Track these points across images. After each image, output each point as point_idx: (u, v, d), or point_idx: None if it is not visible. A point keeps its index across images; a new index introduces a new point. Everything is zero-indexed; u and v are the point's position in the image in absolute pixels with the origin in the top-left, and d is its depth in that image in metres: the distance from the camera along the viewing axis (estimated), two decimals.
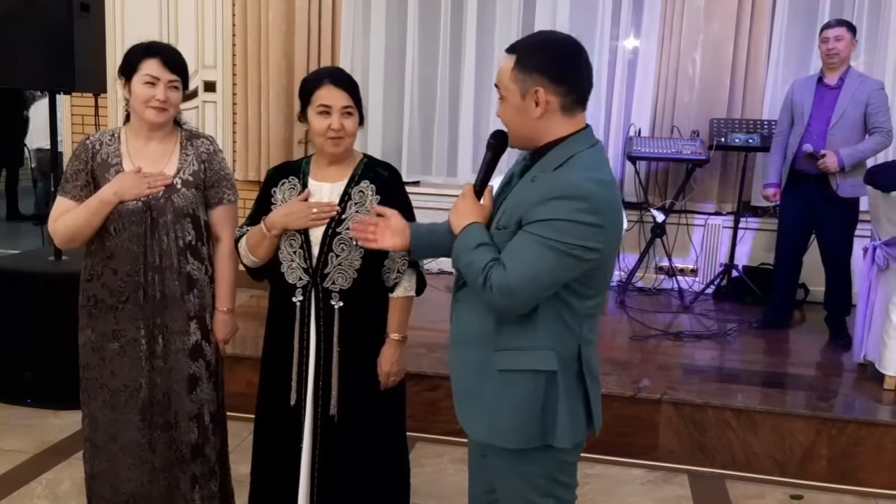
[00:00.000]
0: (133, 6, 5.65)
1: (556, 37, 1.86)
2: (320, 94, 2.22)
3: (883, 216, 3.85)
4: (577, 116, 1.80)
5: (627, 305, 5.09)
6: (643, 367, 3.98)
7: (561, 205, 1.67)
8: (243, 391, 3.56)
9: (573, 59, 1.78)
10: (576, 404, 1.84)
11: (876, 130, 4.31)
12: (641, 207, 5.46)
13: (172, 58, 2.37)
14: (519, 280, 1.68)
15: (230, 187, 2.52)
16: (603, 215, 1.68)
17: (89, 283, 2.43)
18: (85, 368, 2.47)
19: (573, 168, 1.74)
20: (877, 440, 3.37)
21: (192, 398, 2.47)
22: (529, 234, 1.70)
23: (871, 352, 3.90)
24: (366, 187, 2.30)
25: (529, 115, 1.76)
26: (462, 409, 1.93)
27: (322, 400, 2.32)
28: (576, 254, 1.68)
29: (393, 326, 2.35)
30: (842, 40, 4.31)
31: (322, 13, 5.51)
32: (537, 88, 1.73)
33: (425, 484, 3.23)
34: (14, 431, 3.64)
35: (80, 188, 2.38)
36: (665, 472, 3.47)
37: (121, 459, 2.46)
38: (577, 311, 1.80)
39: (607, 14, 5.46)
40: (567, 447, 1.83)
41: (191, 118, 5.75)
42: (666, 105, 5.43)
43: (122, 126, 2.47)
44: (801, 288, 5.11)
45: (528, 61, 1.75)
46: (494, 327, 1.81)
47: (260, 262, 2.35)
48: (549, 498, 1.89)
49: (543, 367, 1.79)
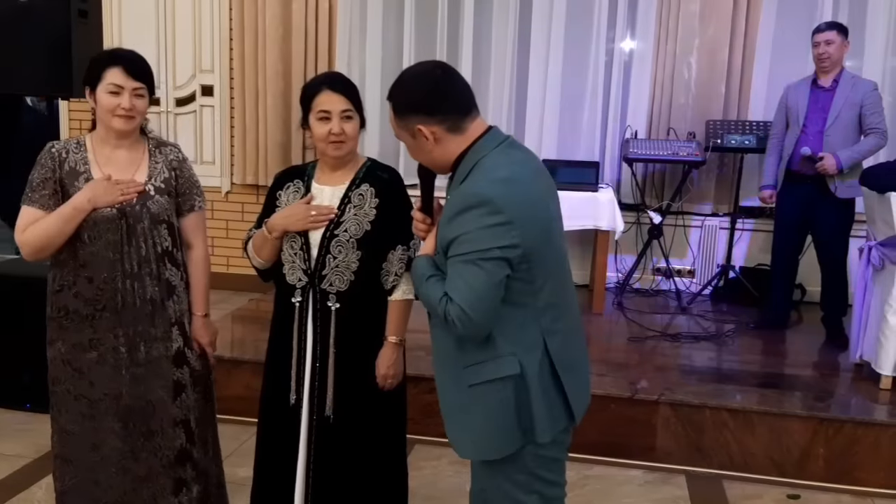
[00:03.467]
0: (130, 12, 5.67)
1: (416, 71, 1.93)
2: (320, 100, 2.25)
3: (878, 217, 3.87)
4: (470, 128, 1.85)
5: (625, 307, 5.11)
6: (641, 369, 4.00)
7: (465, 218, 1.74)
8: (242, 394, 3.58)
9: (438, 85, 1.84)
10: (553, 399, 1.87)
11: (871, 131, 4.33)
12: (638, 209, 5.48)
13: (136, 65, 2.33)
14: (469, 305, 1.73)
15: (200, 194, 2.53)
16: (508, 212, 1.72)
17: (59, 294, 2.38)
18: (55, 382, 2.43)
19: (475, 177, 1.80)
20: (873, 439, 3.39)
21: (178, 404, 2.45)
22: (454, 259, 1.76)
23: (867, 352, 3.92)
24: (365, 190, 2.32)
25: (426, 149, 1.85)
26: (449, 430, 1.98)
27: (318, 400, 2.34)
28: (497, 256, 1.72)
29: (391, 329, 2.37)
30: (832, 43, 4.33)
31: (319, 17, 5.53)
32: (418, 126, 1.81)
33: (423, 486, 3.25)
34: (13, 436, 3.65)
35: (49, 197, 2.32)
36: (663, 473, 3.48)
37: (101, 469, 2.43)
38: (529, 307, 1.83)
39: (603, 17, 5.47)
40: (547, 441, 1.86)
41: (188, 123, 5.78)
42: (662, 107, 5.45)
43: (87, 134, 2.44)
44: (797, 288, 5.13)
45: (401, 106, 1.85)
46: (456, 346, 1.87)
47: (266, 264, 2.38)
48: (533, 494, 1.91)
49: (507, 373, 1.82)
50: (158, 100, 5.69)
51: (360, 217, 2.29)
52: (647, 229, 5.35)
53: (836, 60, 4.38)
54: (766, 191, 4.69)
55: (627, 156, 5.20)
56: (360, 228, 2.29)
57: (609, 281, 5.32)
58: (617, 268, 5.58)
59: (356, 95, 2.30)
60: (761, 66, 5.34)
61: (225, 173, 5.79)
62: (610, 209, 4.89)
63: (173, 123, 5.78)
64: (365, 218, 2.29)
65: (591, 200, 4.89)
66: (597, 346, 4.38)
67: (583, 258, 5.61)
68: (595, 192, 4.94)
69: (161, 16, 5.66)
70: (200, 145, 5.78)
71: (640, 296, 5.47)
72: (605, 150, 5.60)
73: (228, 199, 5.77)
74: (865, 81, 4.46)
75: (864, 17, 5.21)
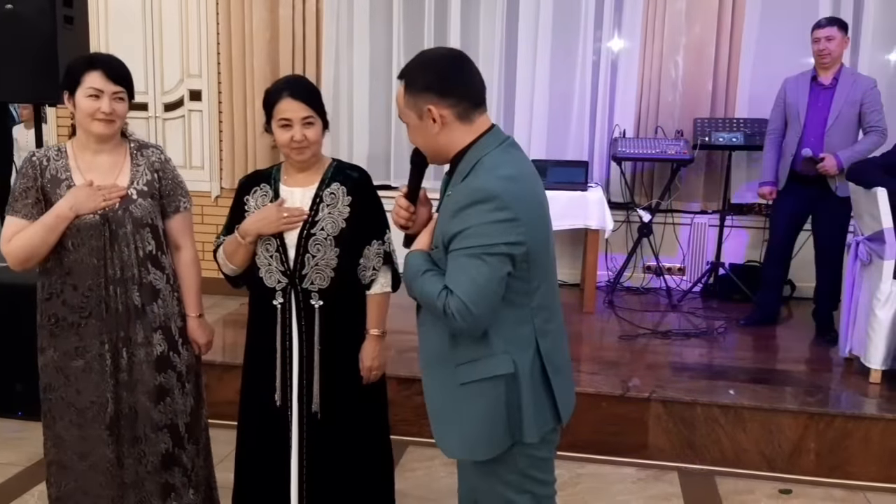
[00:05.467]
0: (117, 17, 5.64)
1: (435, 53, 1.97)
2: (281, 108, 2.29)
3: (865, 212, 3.90)
4: (478, 120, 1.85)
5: (616, 305, 5.12)
6: (632, 366, 4.01)
7: (472, 212, 1.73)
8: (233, 399, 3.53)
9: (455, 69, 1.84)
10: (542, 399, 1.87)
11: (871, 130, 4.34)
12: (628, 207, 5.50)
13: (115, 69, 2.33)
14: (470, 298, 1.72)
15: (185, 195, 2.52)
16: (515, 208, 1.73)
17: (48, 302, 2.38)
18: (47, 389, 2.43)
19: (479, 173, 1.79)
20: (864, 433, 3.41)
21: (161, 409, 2.44)
22: (457, 252, 1.75)
23: (857, 346, 3.94)
24: (336, 189, 2.37)
25: (430, 133, 1.83)
26: (435, 430, 1.97)
27: (305, 398, 2.38)
28: (502, 251, 1.72)
29: (372, 322, 2.44)
30: (833, 39, 4.32)
31: (306, 20, 5.53)
32: (429, 107, 1.80)
33: (417, 487, 3.25)
34: (6, 444, 3.64)
35: (31, 206, 2.32)
36: (655, 470, 3.49)
37: (90, 478, 2.43)
38: (524, 306, 1.83)
39: (590, 16, 5.49)
40: (535, 441, 1.86)
41: (177, 127, 5.76)
42: (650, 106, 5.47)
43: (68, 140, 2.43)
44: (787, 284, 5.16)
45: (414, 84, 1.83)
46: (450, 344, 1.86)
47: (238, 270, 2.42)
48: (525, 494, 1.92)
49: (500, 371, 1.82)
50: (146, 105, 5.68)
51: (334, 215, 2.34)
52: (637, 228, 5.36)
53: (836, 57, 4.37)
54: (767, 187, 4.66)
55: (616, 155, 5.22)
56: (336, 226, 2.34)
57: (600, 279, 5.34)
58: (607, 266, 5.59)
59: (317, 100, 2.34)
60: (747, 64, 5.36)
61: (214, 178, 5.78)
62: (599, 208, 4.90)
63: (162, 128, 5.76)
64: (340, 216, 2.35)
65: (581, 200, 4.90)
66: (588, 345, 4.39)
67: (573, 257, 5.63)
68: (584, 191, 4.95)
69: (148, 21, 5.64)
70: (189, 150, 5.76)
71: (630, 294, 5.49)
72: (593, 150, 5.61)
73: (218, 203, 5.75)
74: (865, 78, 4.44)
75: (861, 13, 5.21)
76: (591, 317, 4.95)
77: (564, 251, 5.59)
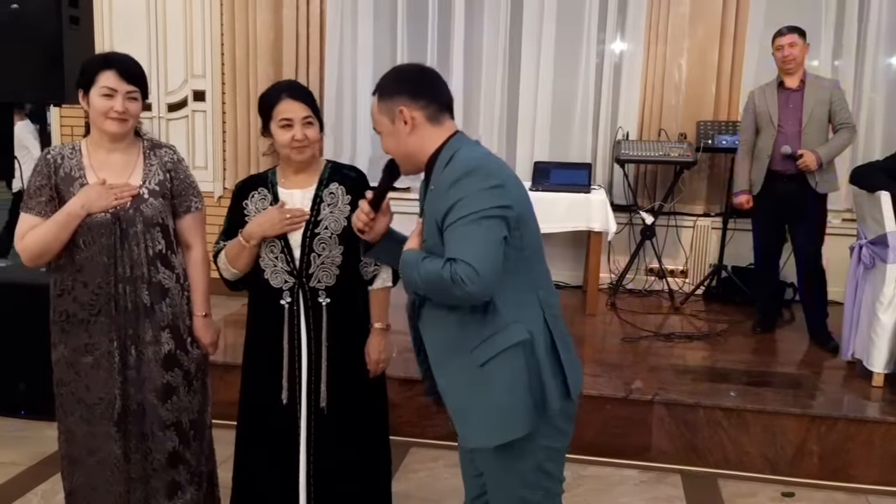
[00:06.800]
0: (122, 17, 5.66)
1: (408, 65, 2.11)
2: (280, 109, 2.34)
3: (868, 215, 3.90)
4: (447, 123, 1.94)
5: (618, 307, 5.12)
6: (635, 369, 4.01)
7: (462, 185, 1.80)
8: (236, 399, 3.56)
9: (426, 77, 1.96)
10: (556, 371, 1.90)
11: (842, 127, 4.43)
12: (630, 210, 5.49)
13: (130, 68, 2.35)
14: (476, 259, 1.74)
15: (196, 195, 2.54)
16: (499, 176, 1.83)
17: (60, 299, 2.41)
18: (59, 384, 2.45)
19: (457, 160, 1.87)
20: (866, 436, 3.41)
21: (168, 407, 2.46)
22: (454, 224, 1.79)
23: (859, 350, 3.94)
24: (336, 189, 2.42)
25: (402, 135, 1.91)
26: (462, 425, 1.95)
27: (314, 395, 2.41)
28: (497, 214, 1.79)
29: (376, 316, 2.49)
30: (796, 46, 4.41)
31: (310, 22, 5.54)
32: (401, 108, 1.89)
33: (420, 489, 3.25)
34: (8, 443, 3.64)
35: (45, 203, 2.34)
36: (658, 473, 3.49)
37: (98, 474, 2.45)
38: (524, 273, 1.88)
39: (594, 19, 5.51)
40: (557, 409, 1.88)
41: (180, 128, 5.77)
42: (653, 108, 5.48)
43: (83, 139, 2.46)
44: (789, 287, 5.15)
45: (387, 90, 1.93)
46: (459, 329, 1.88)
47: (240, 274, 2.45)
48: (539, 490, 1.93)
49: (517, 339, 1.85)
50: (150, 105, 5.69)
51: (336, 214, 2.40)
52: (640, 230, 5.37)
53: (800, 62, 4.46)
54: (742, 196, 4.65)
55: (619, 157, 5.22)
56: (339, 224, 2.39)
57: (602, 282, 5.34)
58: (610, 269, 5.60)
59: (314, 102, 2.41)
60: (750, 67, 5.38)
61: (217, 178, 5.79)
62: (602, 210, 4.90)
63: (165, 129, 5.77)
64: (341, 214, 2.40)
65: (584, 202, 4.91)
66: (591, 347, 4.39)
67: (576, 259, 5.63)
68: (587, 193, 4.95)
69: (152, 21, 5.66)
70: (193, 150, 5.77)
71: (633, 296, 5.49)
72: (596, 152, 5.62)
73: (221, 203, 5.75)
74: (829, 80, 4.62)
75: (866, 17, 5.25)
76: (593, 319, 4.96)
77: (567, 253, 5.59)
